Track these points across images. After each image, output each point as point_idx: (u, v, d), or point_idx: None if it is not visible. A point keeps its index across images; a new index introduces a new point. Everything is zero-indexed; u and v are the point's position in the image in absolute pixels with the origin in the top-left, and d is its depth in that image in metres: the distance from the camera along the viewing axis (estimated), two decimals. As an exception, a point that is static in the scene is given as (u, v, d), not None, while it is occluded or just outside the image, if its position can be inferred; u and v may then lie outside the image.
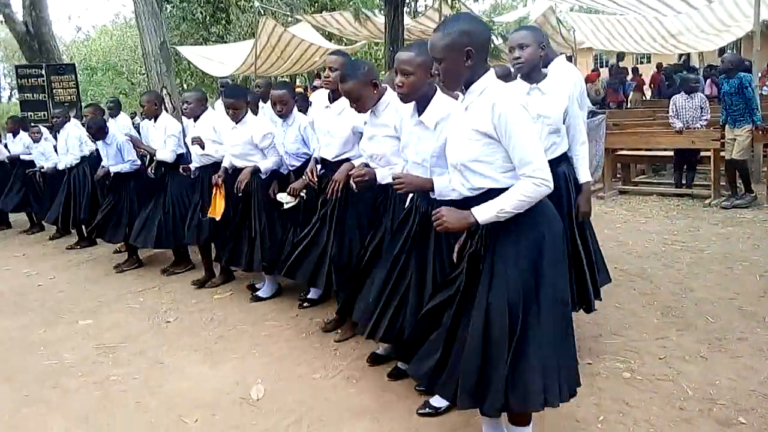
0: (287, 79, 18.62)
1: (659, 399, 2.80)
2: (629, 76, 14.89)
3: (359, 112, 3.15)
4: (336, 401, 3.01)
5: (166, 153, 5.08)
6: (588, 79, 14.05)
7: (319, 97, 3.99)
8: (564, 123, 2.99)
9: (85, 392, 3.31)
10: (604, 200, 7.46)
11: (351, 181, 3.05)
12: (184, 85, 18.85)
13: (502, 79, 2.20)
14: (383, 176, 3.01)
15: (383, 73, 9.00)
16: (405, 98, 2.65)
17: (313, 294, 4.33)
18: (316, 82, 13.88)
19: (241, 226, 4.42)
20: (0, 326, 4.44)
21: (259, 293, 4.59)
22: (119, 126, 6.87)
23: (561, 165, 2.97)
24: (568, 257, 2.39)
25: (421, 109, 2.67)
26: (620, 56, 16.19)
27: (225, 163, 4.52)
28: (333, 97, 3.60)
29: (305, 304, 4.31)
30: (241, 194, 4.28)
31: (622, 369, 3.09)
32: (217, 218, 4.48)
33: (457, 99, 2.32)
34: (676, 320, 3.69)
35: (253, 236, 4.33)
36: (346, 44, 16.83)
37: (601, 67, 27.30)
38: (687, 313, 3.78)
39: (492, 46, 2.18)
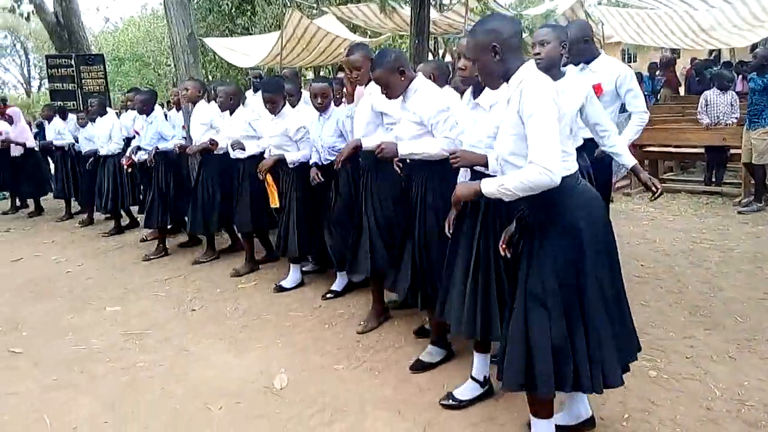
0: (310, 71, 18.68)
1: (686, 398, 2.76)
2: (657, 72, 14.61)
3: (389, 98, 3.19)
4: (359, 392, 3.02)
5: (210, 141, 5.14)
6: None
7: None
8: (583, 120, 3.03)
9: (112, 378, 3.37)
10: (631, 197, 7.35)
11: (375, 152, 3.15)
12: (209, 77, 18.98)
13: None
14: (404, 148, 3.08)
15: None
16: (466, 81, 2.94)
17: (336, 286, 4.35)
18: (340, 74, 13.86)
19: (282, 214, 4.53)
20: (30, 311, 4.54)
21: (283, 283, 4.62)
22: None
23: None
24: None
25: (477, 93, 2.73)
26: (672, 57, 15.60)
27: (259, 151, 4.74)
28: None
29: (329, 295, 4.33)
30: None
31: (648, 367, 3.05)
32: (278, 205, 4.56)
33: None
34: (704, 319, 3.63)
35: (290, 224, 4.39)
36: (370, 36, 16.79)
37: (629, 61, 26.91)
38: (715, 313, 3.71)
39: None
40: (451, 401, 2.81)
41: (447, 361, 3.23)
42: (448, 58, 24.58)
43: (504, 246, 2.29)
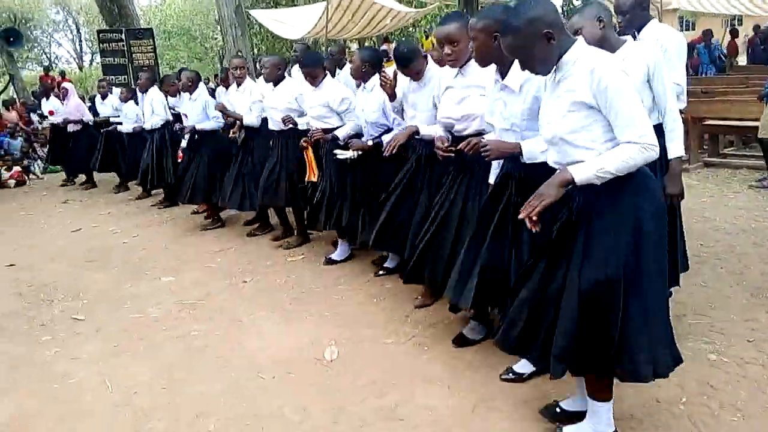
0: (355, 43, 18.53)
1: (747, 383, 2.67)
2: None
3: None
4: (408, 367, 3.04)
5: (252, 118, 5.23)
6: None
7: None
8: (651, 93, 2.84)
9: (169, 346, 3.48)
10: (689, 173, 7.07)
11: (437, 152, 2.99)
12: (254, 50, 19.09)
13: None
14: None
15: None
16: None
17: (389, 263, 4.34)
18: (384, 46, 13.70)
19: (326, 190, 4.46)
20: (91, 279, 4.72)
21: (333, 256, 4.67)
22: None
23: None
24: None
25: (503, 74, 2.60)
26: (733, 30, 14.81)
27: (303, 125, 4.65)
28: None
29: (381, 272, 4.31)
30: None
31: (708, 350, 2.96)
32: (315, 180, 4.55)
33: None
34: (767, 301, 3.49)
35: (336, 200, 4.37)
36: (415, 6, 16.54)
37: (686, 30, 25.75)
38: (779, 295, 3.57)
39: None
40: (511, 375, 2.81)
41: (488, 339, 3.20)
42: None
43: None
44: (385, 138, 3.97)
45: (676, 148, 2.85)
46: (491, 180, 2.83)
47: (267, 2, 18.24)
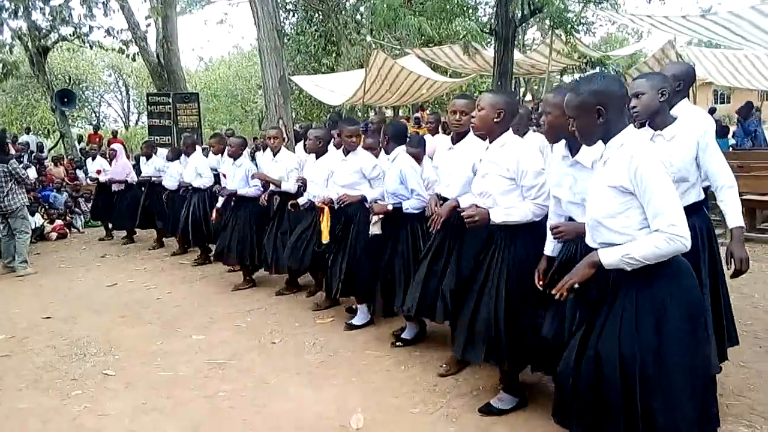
0: (391, 110, 19.06)
1: (792, 472, 2.55)
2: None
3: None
4: (435, 438, 2.98)
5: (291, 185, 5.42)
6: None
7: (442, 140, 4.10)
8: (699, 170, 2.87)
9: (197, 405, 3.49)
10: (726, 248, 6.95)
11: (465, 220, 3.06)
12: (293, 115, 19.76)
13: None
14: (497, 215, 3.00)
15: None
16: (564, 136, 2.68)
17: (407, 334, 4.30)
18: (418, 114, 14.06)
19: (338, 253, 4.59)
20: (124, 334, 4.80)
21: (353, 321, 4.68)
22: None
23: (691, 217, 2.81)
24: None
25: (574, 149, 2.65)
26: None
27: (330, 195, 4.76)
28: (456, 139, 3.60)
29: (398, 344, 4.24)
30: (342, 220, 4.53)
31: (748, 435, 2.84)
32: (327, 241, 4.67)
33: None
34: (811, 385, 3.35)
35: (347, 263, 4.47)
36: (451, 76, 17.01)
37: (721, 103, 25.79)
38: (823, 379, 3.42)
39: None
40: None
41: (519, 409, 3.16)
42: (528, 97, 24.47)
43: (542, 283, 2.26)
44: (405, 204, 4.12)
45: (736, 218, 2.87)
46: (546, 251, 2.86)
47: (308, 70, 19.00)
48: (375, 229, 4.24)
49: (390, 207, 4.16)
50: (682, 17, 8.20)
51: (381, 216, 4.20)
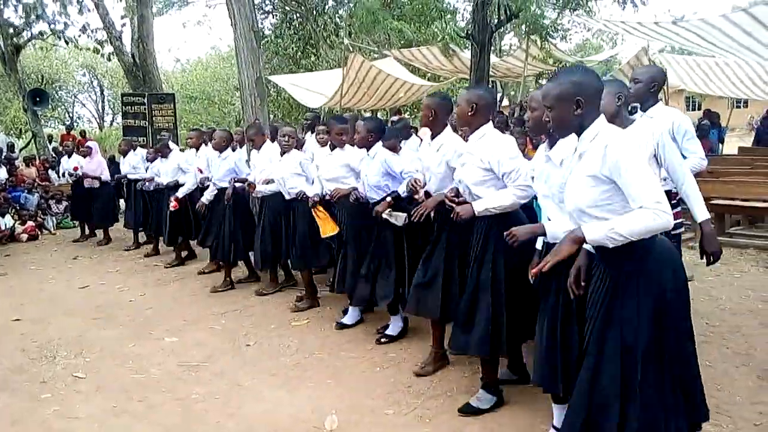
0: (368, 112, 19.05)
1: (755, 470, 2.61)
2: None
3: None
4: (408, 439, 2.99)
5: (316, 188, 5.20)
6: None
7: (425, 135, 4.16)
8: (658, 169, 2.96)
9: (169, 408, 3.45)
10: (696, 249, 7.08)
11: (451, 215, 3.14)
12: (271, 116, 19.65)
13: None
14: (479, 206, 3.07)
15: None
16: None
17: (391, 330, 4.34)
18: (395, 117, 14.09)
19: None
20: (96, 336, 4.73)
21: (344, 320, 4.68)
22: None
23: None
24: None
25: (552, 144, 2.74)
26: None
27: (317, 190, 4.84)
28: (432, 136, 3.68)
29: (383, 340, 4.29)
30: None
31: (714, 433, 2.91)
32: (336, 232, 4.67)
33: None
34: (775, 385, 3.44)
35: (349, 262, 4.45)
36: (429, 79, 17.06)
37: (693, 110, 26.31)
38: (787, 378, 3.51)
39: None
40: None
41: (496, 409, 3.19)
42: (505, 102, 24.68)
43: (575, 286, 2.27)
44: (401, 189, 4.09)
45: (702, 212, 2.98)
46: (538, 246, 2.89)
47: (285, 72, 18.91)
48: (398, 220, 4.01)
49: (389, 199, 4.10)
50: (655, 23, 8.35)
51: (390, 209, 4.11)
